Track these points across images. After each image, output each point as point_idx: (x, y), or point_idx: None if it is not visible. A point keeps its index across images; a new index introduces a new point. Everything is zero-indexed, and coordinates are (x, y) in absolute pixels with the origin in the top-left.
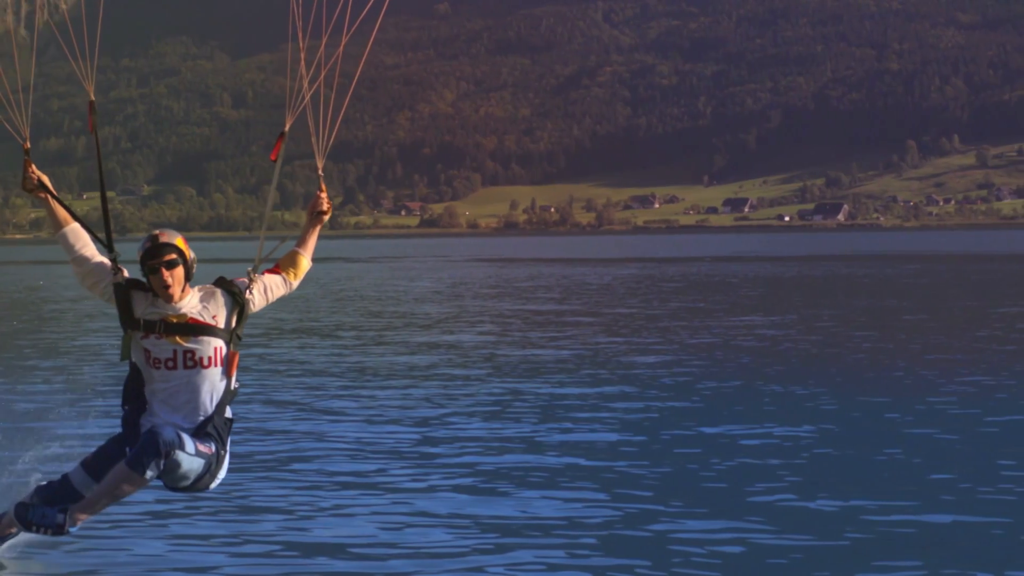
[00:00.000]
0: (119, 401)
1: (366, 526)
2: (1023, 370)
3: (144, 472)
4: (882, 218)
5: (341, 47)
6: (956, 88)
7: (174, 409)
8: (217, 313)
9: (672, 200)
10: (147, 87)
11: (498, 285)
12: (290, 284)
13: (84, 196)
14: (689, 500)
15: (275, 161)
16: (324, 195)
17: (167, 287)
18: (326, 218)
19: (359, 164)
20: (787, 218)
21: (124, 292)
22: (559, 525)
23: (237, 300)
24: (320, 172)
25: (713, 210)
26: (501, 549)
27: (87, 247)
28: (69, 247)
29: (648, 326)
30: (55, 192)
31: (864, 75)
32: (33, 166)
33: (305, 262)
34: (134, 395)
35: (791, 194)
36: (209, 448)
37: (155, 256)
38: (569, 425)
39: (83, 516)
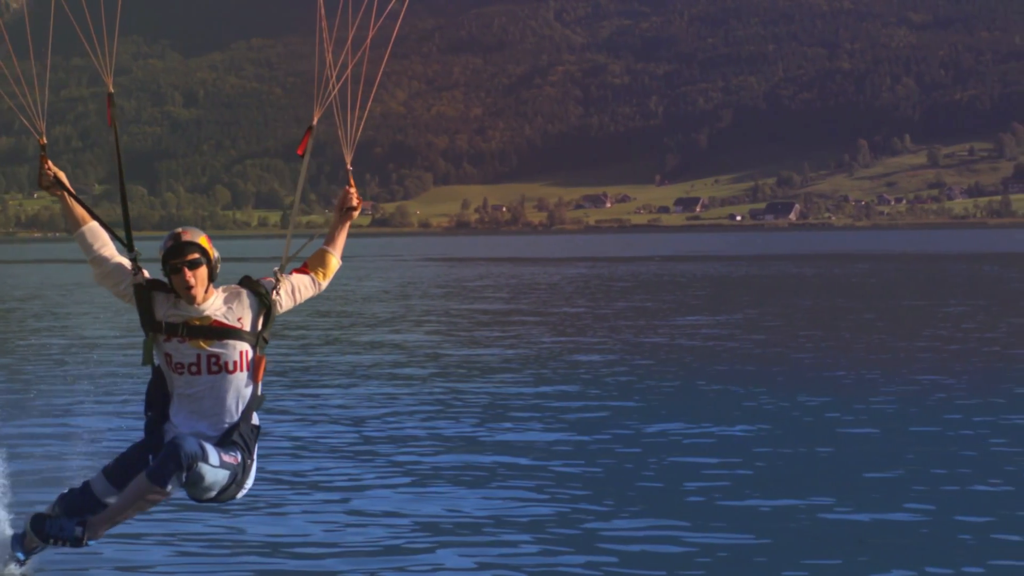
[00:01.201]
0: (61, 401)
1: (302, 524)
2: (962, 370)
3: (165, 485)
4: (833, 217)
5: (367, 40)
6: (907, 88)
7: (198, 416)
8: (242, 315)
9: (624, 199)
10: (98, 86)
11: (447, 285)
12: (319, 285)
13: (35, 195)
14: (624, 499)
15: (302, 156)
16: (353, 190)
17: (190, 288)
18: (356, 214)
19: (310, 163)
20: (739, 217)
21: (145, 293)
22: (494, 523)
23: (263, 301)
24: (349, 167)
25: (665, 209)
26: (436, 547)
27: (106, 247)
28: (87, 247)
29: (594, 325)
30: (72, 189)
31: (815, 75)
32: (49, 162)
33: (335, 261)
34: (157, 400)
35: (743, 193)
36: (235, 458)
37: (177, 255)
38: (509, 424)
39: (103, 529)
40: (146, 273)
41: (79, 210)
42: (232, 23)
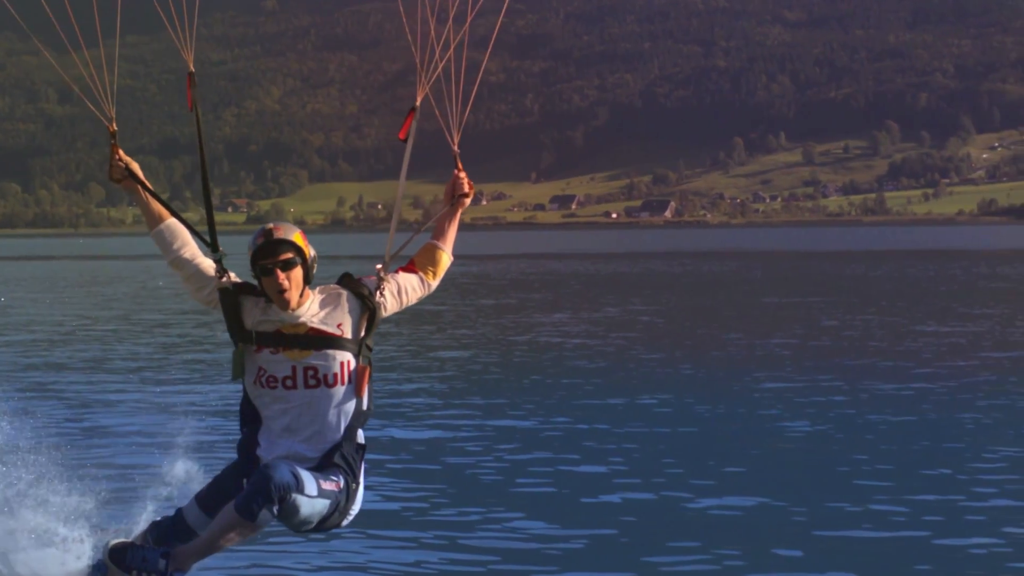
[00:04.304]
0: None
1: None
2: (814, 367)
3: (254, 519)
4: (709, 215)
5: (468, 21)
6: (782, 85)
7: (295, 435)
8: (342, 321)
9: (500, 197)
10: None
11: (317, 282)
12: (428, 285)
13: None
14: (461, 494)
15: (405, 140)
16: (463, 175)
17: (283, 291)
18: (468, 201)
19: (185, 160)
20: (614, 215)
21: (232, 298)
22: None
23: (366, 304)
24: (456, 149)
25: (540, 207)
26: (264, 543)
27: (187, 246)
28: (167, 247)
29: (456, 323)
30: (147, 182)
31: (691, 72)
32: (121, 151)
33: (445, 258)
34: (251, 417)
35: (618, 191)
36: (336, 483)
37: (269, 255)
38: None
39: (190, 561)
40: (232, 275)
41: (156, 206)
42: (109, 18)
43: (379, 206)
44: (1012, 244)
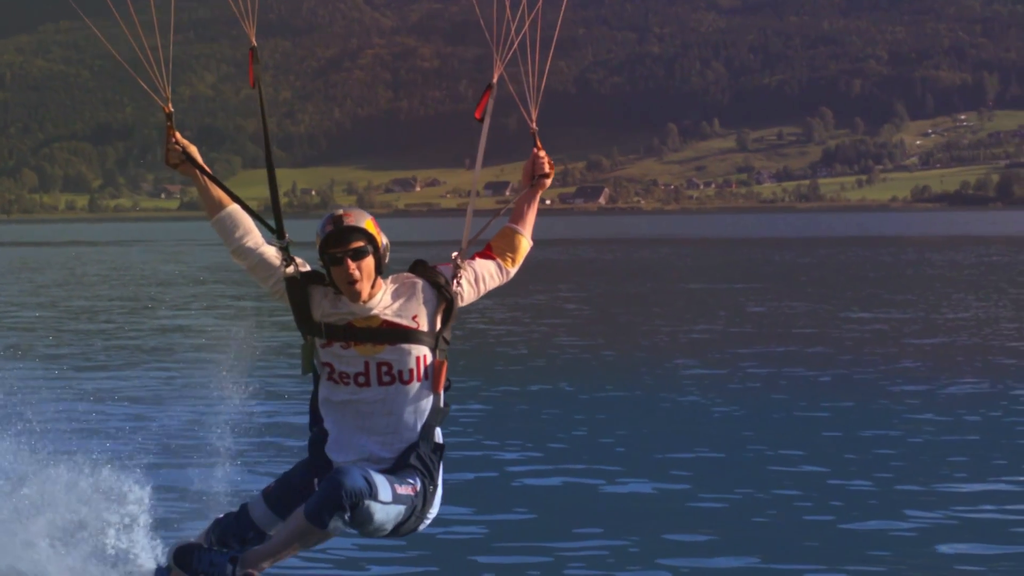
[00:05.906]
0: None
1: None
2: (736, 354)
3: (326, 527)
4: (643, 201)
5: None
6: (716, 72)
7: (369, 434)
8: (418, 312)
9: (433, 183)
10: None
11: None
12: (506, 272)
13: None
14: None
15: (480, 120)
16: (543, 154)
17: (353, 282)
18: (548, 182)
19: (119, 146)
20: (548, 201)
21: (300, 289)
22: (233, 497)
23: (443, 294)
24: (534, 127)
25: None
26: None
27: (249, 235)
28: (228, 235)
29: None
30: (206, 167)
31: (625, 59)
32: (178, 134)
33: (525, 243)
34: (322, 415)
35: (552, 177)
36: (412, 487)
37: (339, 243)
38: (271, 407)
39: (257, 568)
40: (300, 263)
41: (216, 191)
42: (39, 5)
43: (312, 192)
44: (944, 230)
